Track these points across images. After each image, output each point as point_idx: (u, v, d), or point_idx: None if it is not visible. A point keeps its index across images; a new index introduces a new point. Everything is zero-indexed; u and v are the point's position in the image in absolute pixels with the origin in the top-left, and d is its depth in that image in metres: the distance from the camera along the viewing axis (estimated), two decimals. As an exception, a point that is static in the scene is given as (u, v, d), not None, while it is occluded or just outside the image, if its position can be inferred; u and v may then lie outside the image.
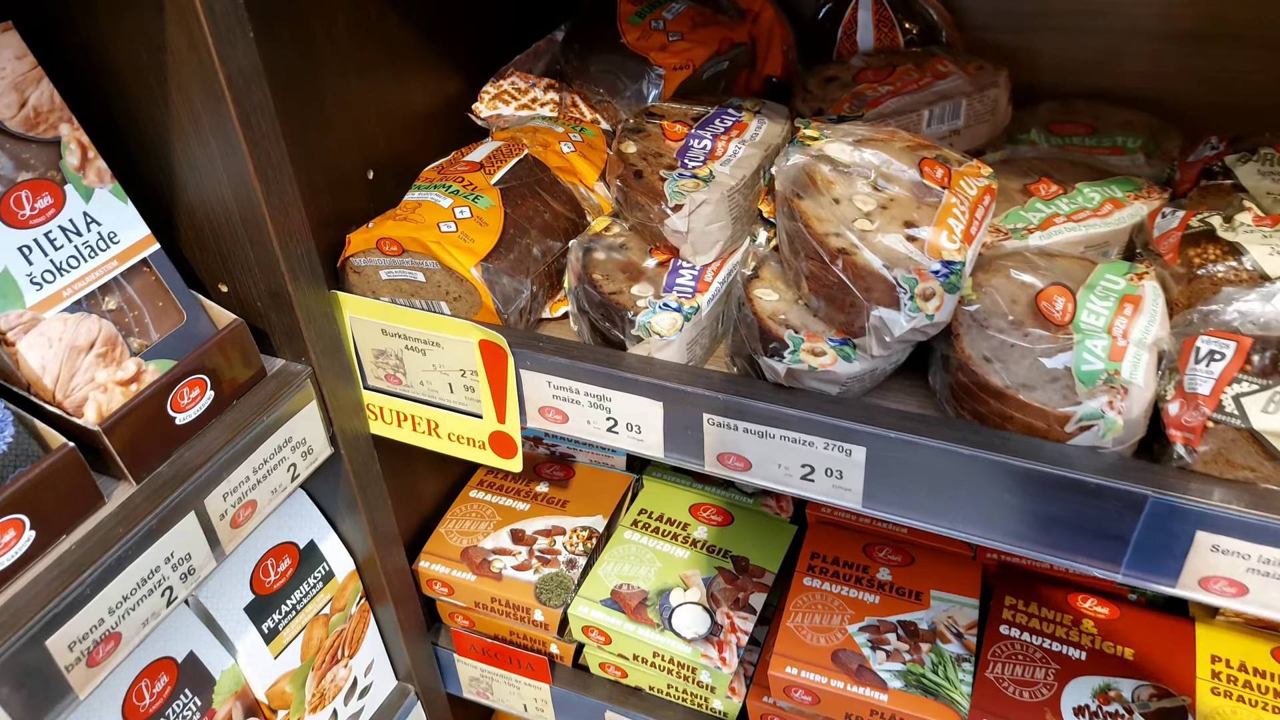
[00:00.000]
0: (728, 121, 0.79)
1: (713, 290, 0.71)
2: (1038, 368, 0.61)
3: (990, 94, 0.83)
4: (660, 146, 0.77)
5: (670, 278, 0.72)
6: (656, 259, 0.74)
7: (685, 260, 0.73)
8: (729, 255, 0.75)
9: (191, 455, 0.64)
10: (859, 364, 0.64)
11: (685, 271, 0.72)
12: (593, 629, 0.88)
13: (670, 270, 0.73)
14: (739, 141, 0.77)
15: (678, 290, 0.70)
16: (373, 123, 0.79)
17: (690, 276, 0.72)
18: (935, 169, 0.68)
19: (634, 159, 0.75)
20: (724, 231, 0.73)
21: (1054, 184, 0.78)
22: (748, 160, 0.75)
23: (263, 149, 0.63)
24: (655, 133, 0.78)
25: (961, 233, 0.64)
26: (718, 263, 0.74)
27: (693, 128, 0.78)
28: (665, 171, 0.73)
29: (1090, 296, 0.65)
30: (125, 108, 0.64)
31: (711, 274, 0.73)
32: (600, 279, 0.72)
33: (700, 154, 0.75)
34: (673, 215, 0.71)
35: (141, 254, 0.65)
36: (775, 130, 0.80)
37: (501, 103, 0.87)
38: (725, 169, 0.74)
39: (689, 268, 0.73)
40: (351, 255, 0.75)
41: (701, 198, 0.70)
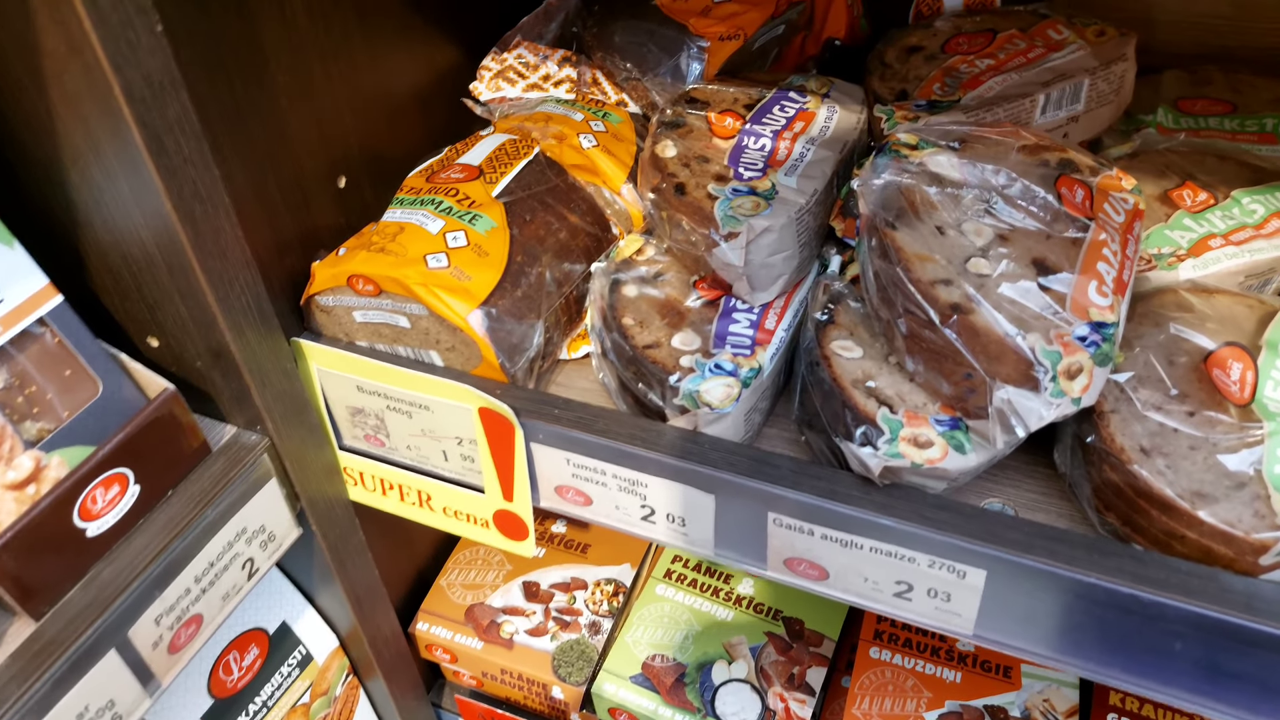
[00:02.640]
0: (789, 110, 0.63)
1: (776, 341, 0.56)
2: (1215, 468, 0.46)
3: (1116, 69, 0.65)
4: (706, 147, 0.60)
5: (722, 324, 0.56)
6: (702, 294, 0.58)
7: (740, 298, 0.58)
8: (795, 288, 0.59)
9: (111, 574, 0.50)
10: (975, 456, 0.49)
11: (741, 315, 0.57)
12: (621, 711, 0.76)
13: (721, 313, 0.57)
14: (806, 140, 0.60)
15: (732, 345, 0.55)
16: (342, 117, 0.62)
17: (748, 323, 0.56)
18: (1074, 189, 0.52)
19: (673, 166, 0.59)
20: (790, 263, 0.57)
21: (1200, 188, 0.61)
22: (819, 166, 0.59)
23: (184, 176, 0.47)
24: (699, 128, 0.62)
25: (1114, 281, 0.48)
26: (781, 299, 0.58)
27: (746, 120, 0.61)
28: (715, 186, 0.57)
29: (1275, 362, 0.49)
30: (4, 126, 0.48)
31: (775, 318, 0.57)
32: (632, 326, 0.57)
33: (758, 159, 0.59)
34: (724, 244, 0.55)
35: (37, 311, 0.50)
36: (850, 120, 0.63)
37: (506, 82, 0.71)
38: (791, 181, 0.57)
39: (745, 310, 0.57)
40: (317, 293, 0.59)
41: (763, 224, 0.54)
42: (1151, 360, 0.50)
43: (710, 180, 0.58)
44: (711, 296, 0.58)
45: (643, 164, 0.61)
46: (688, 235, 0.57)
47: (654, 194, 0.59)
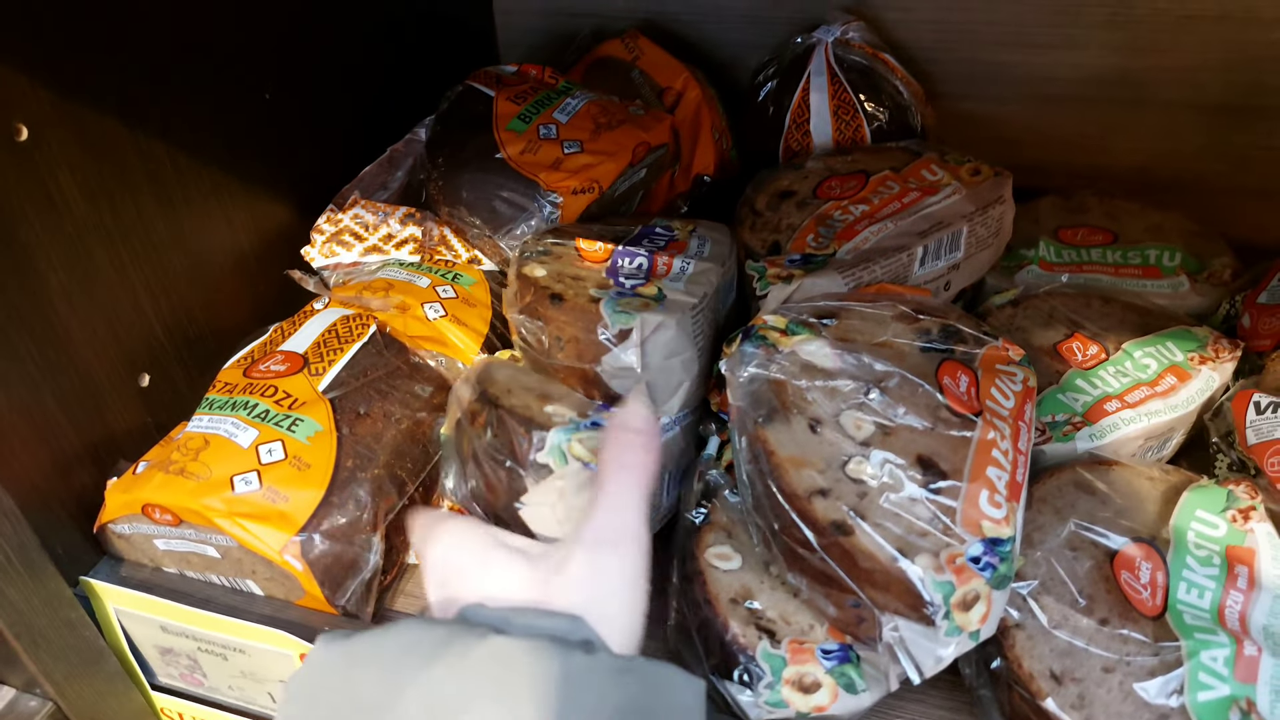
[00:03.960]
0: (660, 241, 0.57)
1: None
2: (1133, 698, 0.41)
3: (994, 213, 0.62)
4: (578, 267, 0.54)
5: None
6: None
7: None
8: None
9: None
10: (870, 694, 0.43)
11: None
12: None
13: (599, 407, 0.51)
14: (684, 258, 0.55)
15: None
16: (141, 307, 0.54)
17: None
18: (958, 377, 0.47)
19: (546, 281, 0.52)
20: (689, 368, 0.51)
21: (1089, 340, 0.58)
22: (704, 276, 0.53)
23: (-101, 436, 0.38)
24: (567, 254, 0.55)
25: (1007, 485, 0.43)
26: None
27: (616, 249, 0.55)
28: (597, 290, 0.51)
29: (1186, 559, 0.45)
30: None
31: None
32: (498, 394, 0.50)
33: (638, 272, 0.53)
34: (617, 348, 0.48)
35: None
36: (722, 249, 0.58)
37: (342, 246, 0.64)
38: (679, 286, 0.52)
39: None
40: (110, 521, 0.50)
41: (657, 319, 0.48)
42: (1054, 564, 0.46)
43: (590, 288, 0.51)
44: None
45: (510, 288, 0.54)
46: (577, 346, 0.50)
47: (524, 313, 0.52)
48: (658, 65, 0.75)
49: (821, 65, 0.72)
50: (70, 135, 0.48)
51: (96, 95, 0.49)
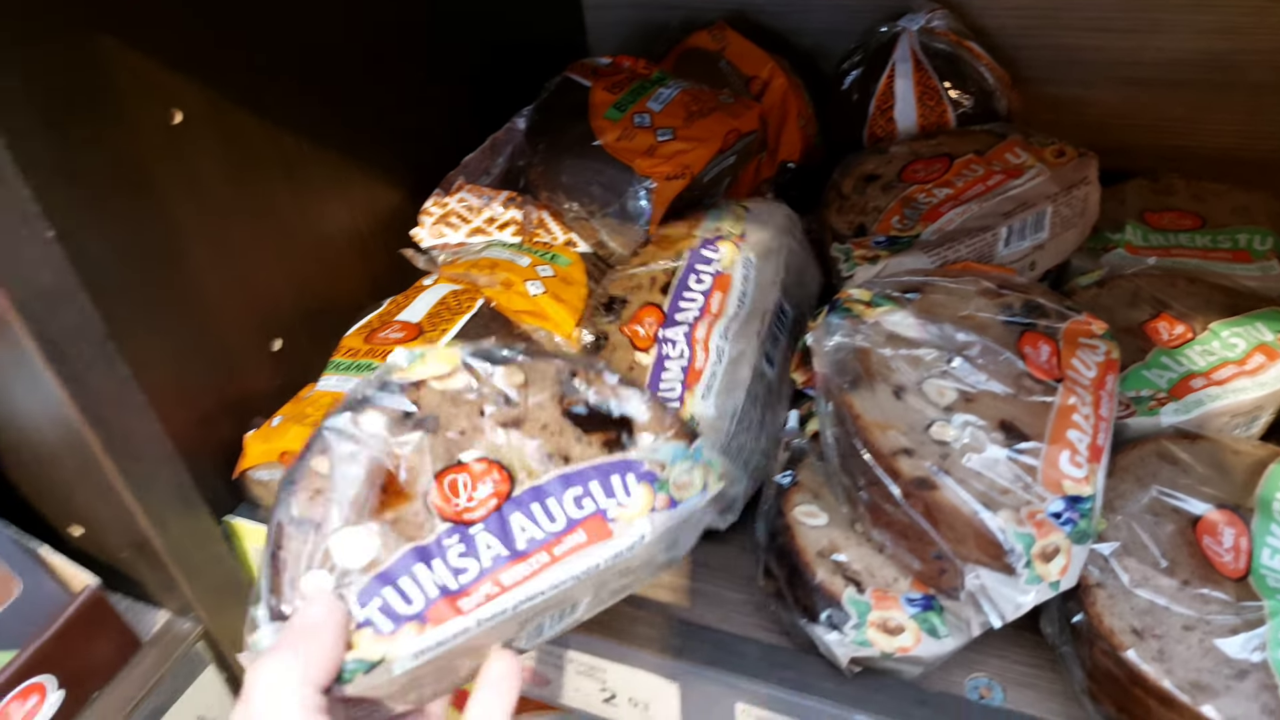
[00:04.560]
0: (704, 280, 0.60)
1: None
2: (1213, 654, 0.42)
3: (1079, 193, 0.64)
4: (630, 368, 0.57)
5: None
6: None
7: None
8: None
9: (19, 807, 0.46)
10: (951, 640, 0.45)
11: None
12: None
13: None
14: (721, 334, 0.57)
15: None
16: (273, 278, 0.60)
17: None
18: (1039, 347, 0.49)
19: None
20: (738, 486, 0.55)
21: (1176, 320, 0.59)
22: (737, 368, 0.56)
23: (88, 382, 0.44)
24: (619, 342, 0.59)
25: (1088, 448, 0.45)
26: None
27: (664, 311, 0.58)
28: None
29: (1271, 526, 0.46)
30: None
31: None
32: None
33: (676, 380, 0.56)
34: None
35: (-62, 521, 0.47)
36: (767, 272, 0.60)
37: (449, 227, 0.68)
38: (710, 407, 0.54)
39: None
40: (250, 468, 0.56)
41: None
42: (1136, 528, 0.47)
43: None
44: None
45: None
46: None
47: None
48: (744, 55, 0.78)
49: (906, 53, 0.74)
50: (214, 123, 0.54)
51: (237, 88, 0.55)
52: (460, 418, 0.40)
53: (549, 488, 0.39)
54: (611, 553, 0.38)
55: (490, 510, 0.38)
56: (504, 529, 0.37)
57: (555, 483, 0.39)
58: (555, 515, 0.38)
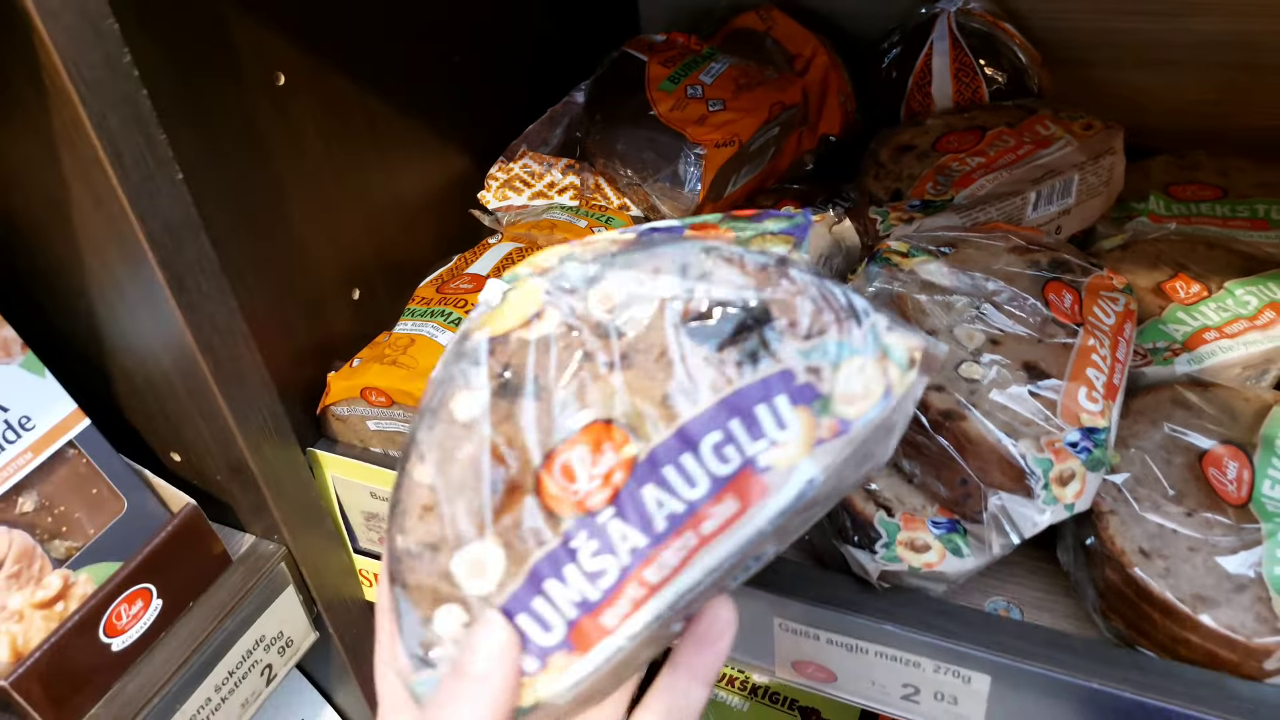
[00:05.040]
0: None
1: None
2: (1215, 570, 0.47)
3: (1105, 163, 0.67)
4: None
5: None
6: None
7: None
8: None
9: (135, 689, 0.52)
10: (972, 559, 0.49)
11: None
12: (638, 806, 0.75)
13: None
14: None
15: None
16: (357, 232, 0.65)
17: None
18: (1063, 294, 0.53)
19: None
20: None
21: (1193, 280, 0.63)
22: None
23: (203, 311, 0.50)
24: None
25: (1104, 386, 0.49)
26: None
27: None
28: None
29: (1272, 460, 0.50)
30: (30, 264, 0.51)
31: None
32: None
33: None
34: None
35: (66, 436, 0.53)
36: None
37: (513, 191, 0.73)
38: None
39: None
40: (333, 404, 0.61)
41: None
42: (1148, 461, 0.51)
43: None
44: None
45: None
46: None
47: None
48: (789, 35, 0.82)
49: (944, 32, 0.78)
50: (312, 87, 0.59)
51: (333, 56, 0.60)
52: (557, 371, 0.31)
53: (680, 439, 0.30)
54: (772, 513, 0.30)
55: (617, 488, 0.30)
56: (637, 509, 0.30)
57: (687, 431, 0.30)
58: (695, 477, 0.30)
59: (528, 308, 0.32)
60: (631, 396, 0.31)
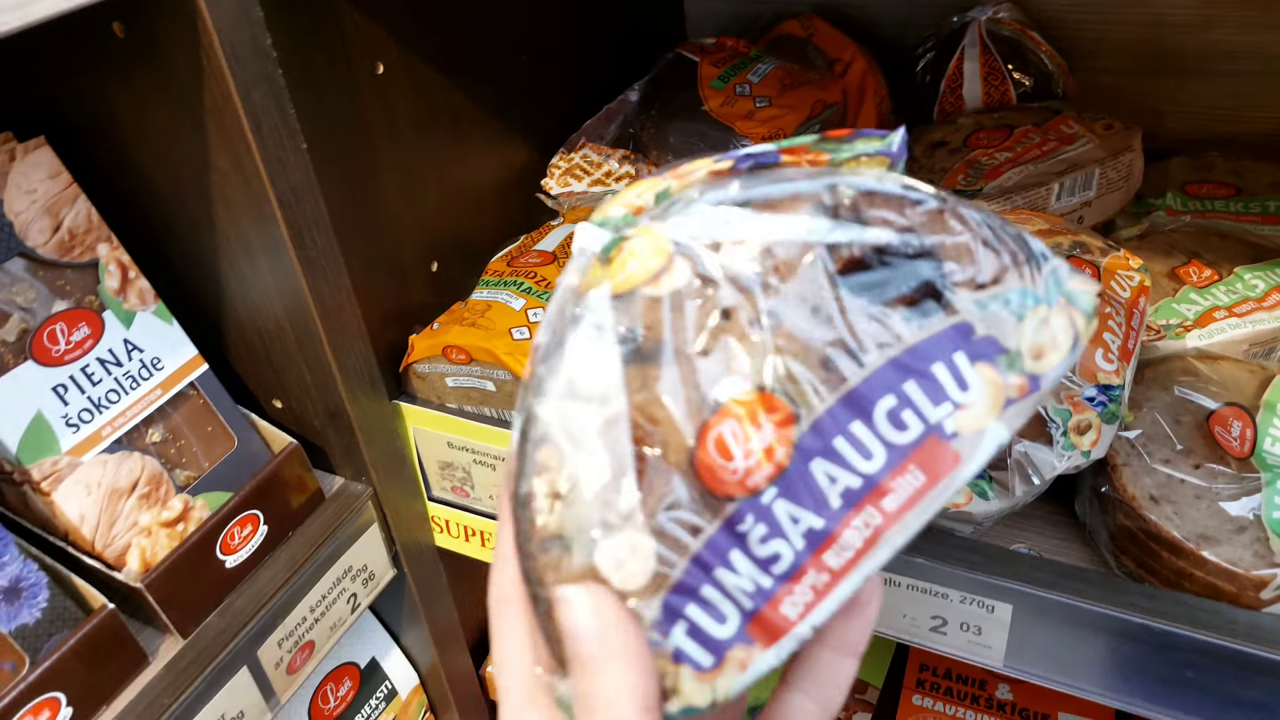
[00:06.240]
0: None
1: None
2: (1218, 514, 0.52)
3: (1124, 159, 0.73)
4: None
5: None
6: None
7: None
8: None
9: (244, 603, 0.58)
10: (997, 502, 0.55)
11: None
12: (677, 752, 0.80)
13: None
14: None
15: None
16: (437, 211, 0.72)
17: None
18: (1082, 267, 0.59)
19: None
20: None
21: (1206, 266, 0.68)
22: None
23: (317, 265, 0.56)
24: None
25: (1119, 349, 0.55)
26: None
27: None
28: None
29: (1273, 420, 0.55)
30: (167, 224, 0.58)
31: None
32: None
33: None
34: None
35: (188, 378, 0.59)
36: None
37: (573, 178, 0.80)
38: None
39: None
40: (415, 361, 0.68)
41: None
42: (1159, 420, 0.57)
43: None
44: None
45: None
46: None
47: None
48: (829, 40, 0.89)
49: (975, 39, 0.84)
50: (406, 77, 0.66)
51: (424, 51, 0.67)
52: (695, 333, 0.27)
53: (849, 405, 0.27)
54: (964, 483, 0.27)
55: (780, 465, 0.27)
56: (808, 486, 0.27)
57: (856, 396, 0.27)
58: (870, 448, 0.27)
59: (653, 260, 0.27)
60: (785, 359, 0.27)
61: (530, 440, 0.28)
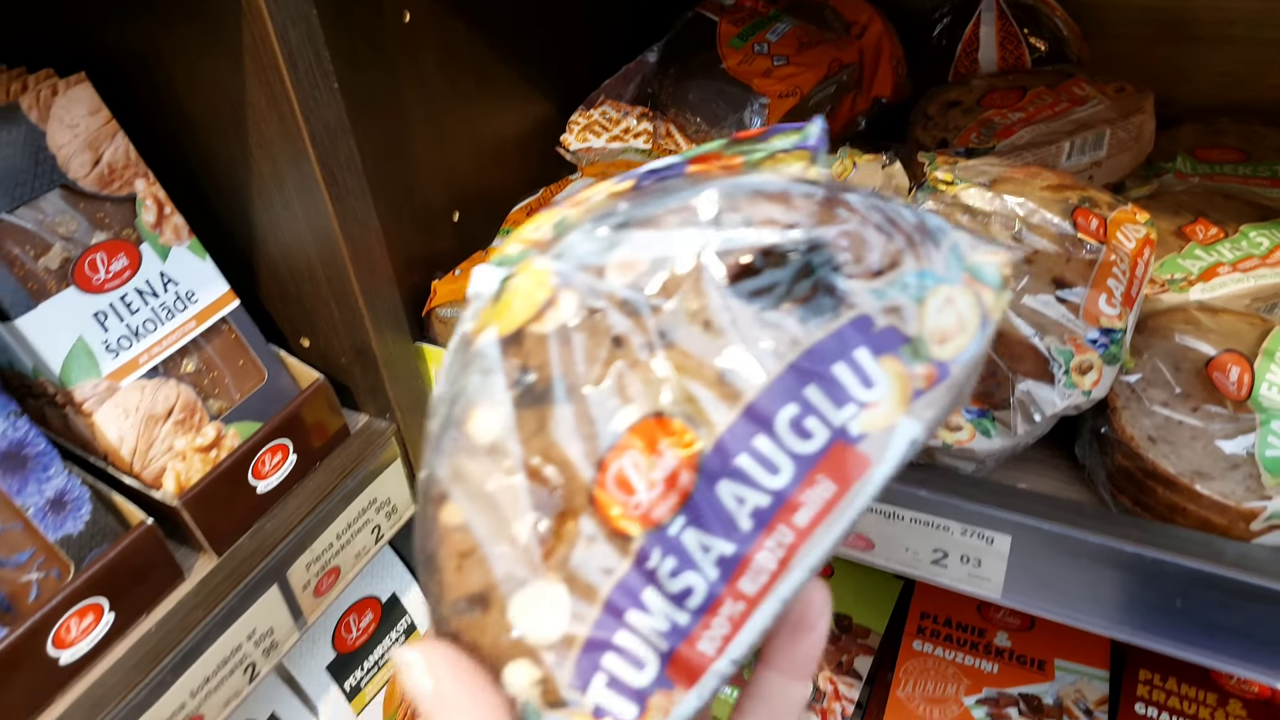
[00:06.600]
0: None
1: None
2: (1213, 452, 0.54)
3: (1135, 120, 0.74)
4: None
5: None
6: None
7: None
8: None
9: (273, 526, 0.61)
10: (999, 440, 0.57)
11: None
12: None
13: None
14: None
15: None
16: (461, 161, 0.74)
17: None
18: (1089, 219, 0.60)
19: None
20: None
21: (1212, 224, 0.69)
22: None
23: (348, 205, 0.58)
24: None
25: (1122, 295, 0.57)
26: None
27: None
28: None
29: (1270, 366, 0.57)
30: (203, 161, 0.60)
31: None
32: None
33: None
34: None
35: (220, 312, 0.62)
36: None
37: (592, 134, 0.82)
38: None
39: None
40: (437, 306, 0.70)
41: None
42: (1159, 365, 0.58)
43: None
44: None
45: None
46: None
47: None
48: (847, 3, 0.90)
49: (991, 4, 0.85)
50: (433, 26, 0.68)
51: (450, 3, 0.69)
52: (587, 366, 0.26)
53: (750, 420, 0.26)
54: (877, 487, 0.26)
55: (685, 492, 0.26)
56: (716, 511, 0.26)
57: (755, 409, 0.26)
58: (777, 463, 0.26)
59: (537, 295, 0.26)
60: (681, 379, 0.26)
61: (431, 499, 0.27)
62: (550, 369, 0.26)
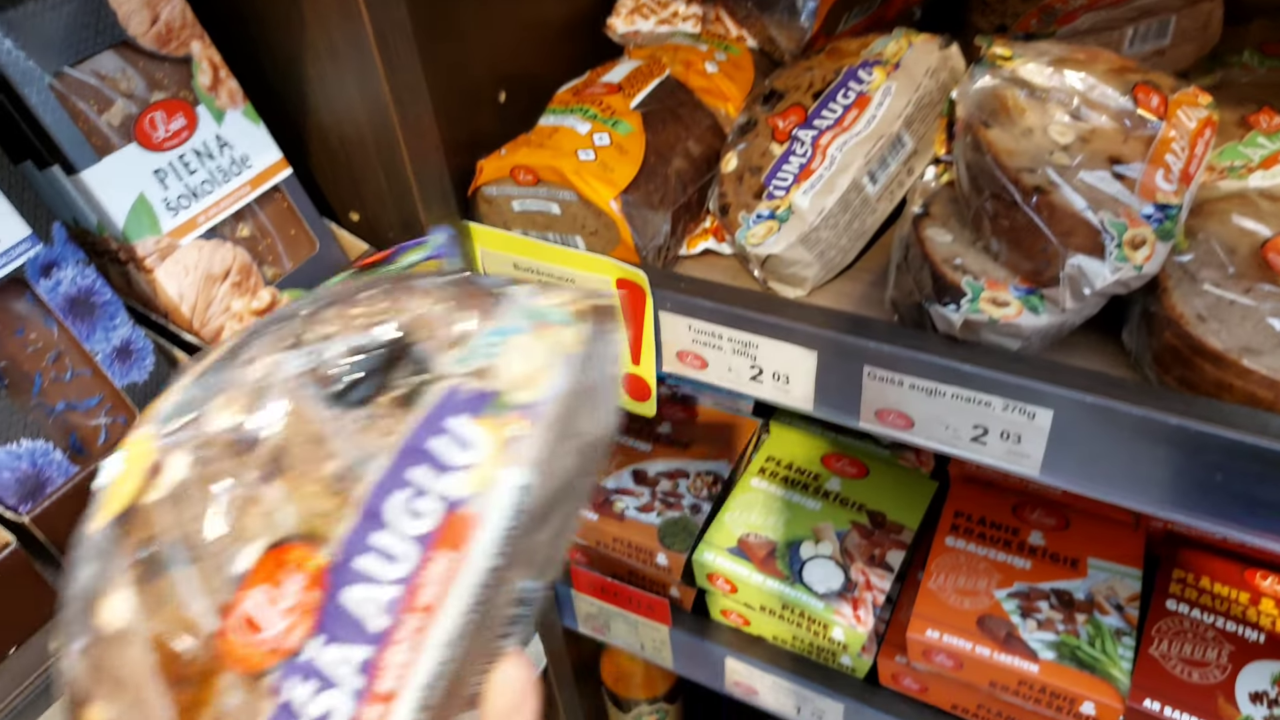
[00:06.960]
0: (850, 95, 0.69)
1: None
2: (1264, 329, 0.53)
3: (1203, 8, 0.72)
4: (763, 154, 0.68)
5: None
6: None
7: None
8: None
9: (326, 390, 0.62)
10: (1046, 317, 0.57)
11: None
12: (718, 576, 0.85)
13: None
14: (848, 136, 0.66)
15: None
16: (507, 39, 0.73)
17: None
18: (1150, 96, 0.59)
19: (729, 182, 0.68)
20: (811, 269, 0.65)
21: (1276, 113, 0.67)
22: (839, 178, 0.64)
23: (399, 72, 0.58)
24: (764, 130, 0.70)
25: (1179, 172, 0.55)
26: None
27: (807, 114, 0.68)
28: (745, 213, 0.65)
29: (1330, 248, 0.55)
30: (257, 25, 0.61)
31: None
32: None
33: (793, 171, 0.65)
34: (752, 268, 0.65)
35: (274, 179, 0.63)
36: (899, 103, 0.68)
37: (640, 17, 0.81)
38: (806, 199, 0.64)
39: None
40: (483, 184, 0.70)
41: (766, 251, 0.63)
42: (1214, 246, 0.57)
43: (751, 197, 0.66)
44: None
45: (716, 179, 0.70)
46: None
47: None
48: (905, -111, 0.87)
49: (1056, -113, 0.82)
50: (481, -103, 0.67)
51: None
52: (202, 521, 0.27)
53: (366, 518, 0.26)
54: (493, 541, 0.27)
55: (315, 609, 0.26)
56: (344, 620, 0.26)
57: (370, 506, 0.26)
58: (395, 552, 0.26)
59: (143, 464, 0.27)
60: (297, 502, 0.26)
61: (75, 705, 0.26)
62: (167, 535, 0.26)
